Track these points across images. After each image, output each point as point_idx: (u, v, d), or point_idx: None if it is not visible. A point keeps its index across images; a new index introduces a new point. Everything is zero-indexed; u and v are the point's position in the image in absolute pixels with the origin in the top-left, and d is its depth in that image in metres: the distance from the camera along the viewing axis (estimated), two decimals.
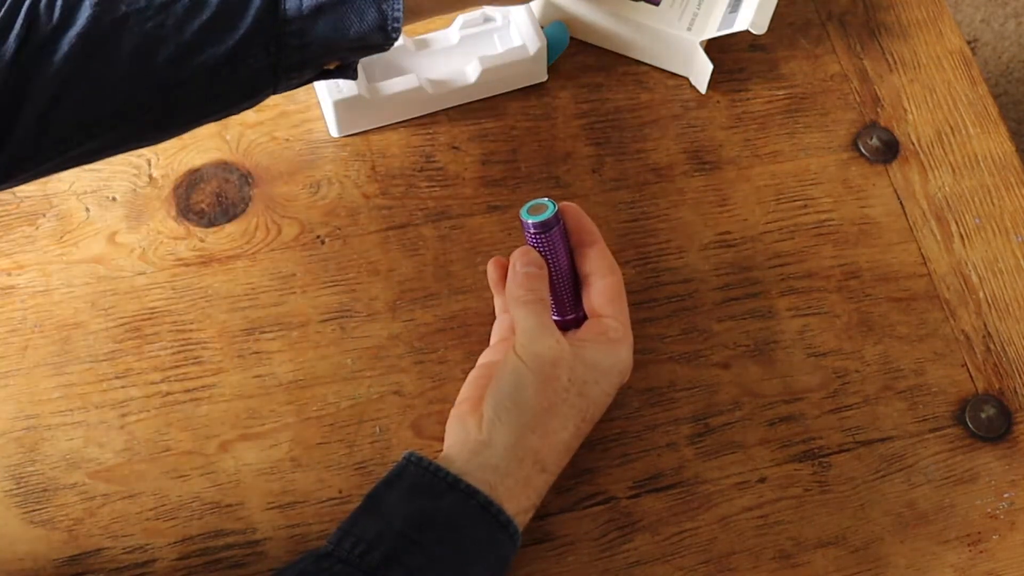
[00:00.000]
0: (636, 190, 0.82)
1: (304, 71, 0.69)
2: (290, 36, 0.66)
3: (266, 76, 0.67)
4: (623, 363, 0.70)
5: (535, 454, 0.65)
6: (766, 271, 0.80)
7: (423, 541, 0.62)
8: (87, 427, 0.72)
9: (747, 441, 0.74)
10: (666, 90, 0.87)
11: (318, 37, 0.66)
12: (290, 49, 0.66)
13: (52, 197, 0.79)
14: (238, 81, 0.66)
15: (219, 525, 0.70)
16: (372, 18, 0.67)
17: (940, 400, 0.76)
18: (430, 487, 0.63)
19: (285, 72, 0.67)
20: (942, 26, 0.91)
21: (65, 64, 0.61)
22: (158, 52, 0.63)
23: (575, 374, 0.67)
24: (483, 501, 0.63)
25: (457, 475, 0.63)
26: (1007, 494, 0.74)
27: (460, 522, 0.63)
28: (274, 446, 0.72)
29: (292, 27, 0.65)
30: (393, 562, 0.60)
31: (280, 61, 0.66)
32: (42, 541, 0.68)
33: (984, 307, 0.80)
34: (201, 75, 0.64)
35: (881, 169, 0.85)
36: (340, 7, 0.66)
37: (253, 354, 0.74)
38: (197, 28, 0.63)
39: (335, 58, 0.69)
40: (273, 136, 0.82)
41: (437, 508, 0.63)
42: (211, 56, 0.64)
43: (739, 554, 0.71)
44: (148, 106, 0.65)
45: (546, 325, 0.68)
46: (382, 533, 0.61)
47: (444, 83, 0.83)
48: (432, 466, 0.64)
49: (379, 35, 0.68)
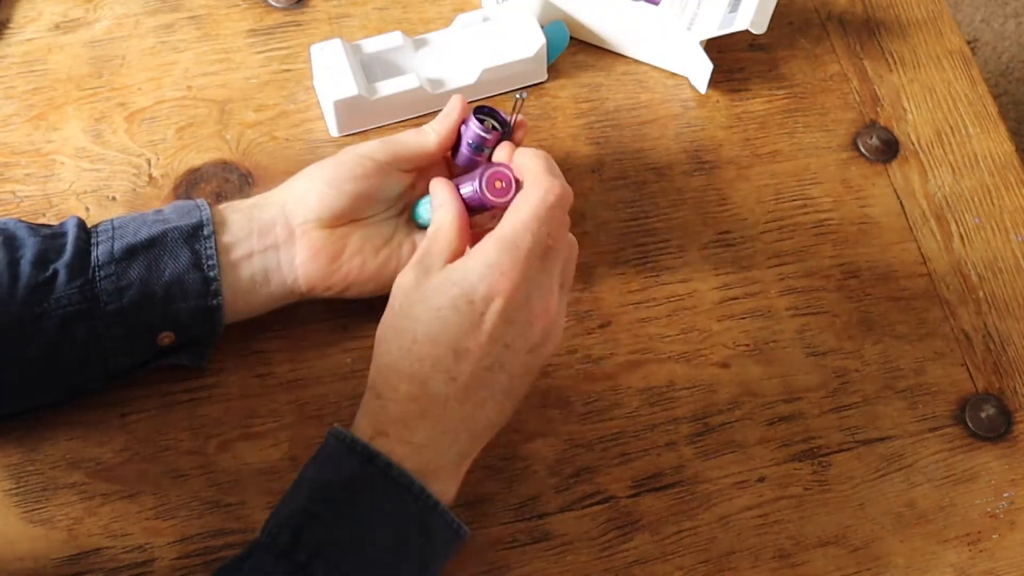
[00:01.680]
0: (636, 190, 0.82)
1: (132, 340, 0.68)
2: (104, 280, 0.66)
3: (89, 341, 0.67)
4: (458, 274, 0.63)
5: (369, 381, 0.64)
6: (766, 271, 0.80)
7: (323, 514, 0.60)
8: (87, 427, 0.72)
9: (747, 440, 0.74)
10: (666, 90, 0.87)
11: (134, 280, 0.67)
12: (106, 295, 0.66)
13: (52, 197, 0.79)
14: (60, 346, 0.67)
15: (219, 525, 0.70)
16: (186, 257, 0.68)
17: (940, 399, 0.76)
18: (335, 454, 0.63)
19: (112, 342, 0.67)
20: (942, 26, 0.91)
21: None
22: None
23: (406, 299, 0.64)
24: (347, 441, 0.62)
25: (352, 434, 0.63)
26: (1007, 493, 0.74)
27: (356, 486, 0.61)
28: (274, 446, 0.72)
29: (105, 271, 0.67)
30: (298, 540, 0.60)
31: (98, 312, 0.66)
32: (42, 541, 0.68)
33: (984, 306, 0.80)
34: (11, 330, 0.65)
35: (881, 169, 0.85)
36: (151, 249, 0.68)
37: (253, 354, 0.74)
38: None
39: (162, 319, 0.69)
40: (273, 136, 0.82)
41: (339, 475, 0.62)
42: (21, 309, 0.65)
43: (739, 553, 0.71)
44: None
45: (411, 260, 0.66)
46: (292, 512, 0.61)
47: (444, 83, 0.83)
48: (342, 433, 0.63)
49: (195, 274, 0.68)
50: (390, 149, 0.72)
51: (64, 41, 0.85)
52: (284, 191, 0.72)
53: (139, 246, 0.68)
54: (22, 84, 0.83)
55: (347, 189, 0.70)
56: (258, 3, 0.88)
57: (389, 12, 0.88)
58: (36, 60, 0.84)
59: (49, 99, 0.83)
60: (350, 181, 0.70)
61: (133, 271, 0.67)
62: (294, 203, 0.70)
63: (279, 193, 0.72)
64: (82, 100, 0.83)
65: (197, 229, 0.69)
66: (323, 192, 0.70)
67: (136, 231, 0.68)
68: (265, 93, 0.84)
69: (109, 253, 0.67)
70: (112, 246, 0.67)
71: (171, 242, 0.68)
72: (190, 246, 0.68)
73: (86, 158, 0.80)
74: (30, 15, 0.86)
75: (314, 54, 0.81)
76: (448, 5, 0.89)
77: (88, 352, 0.68)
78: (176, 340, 0.70)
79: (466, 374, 0.63)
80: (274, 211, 0.70)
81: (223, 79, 0.84)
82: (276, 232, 0.70)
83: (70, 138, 0.81)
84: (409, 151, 0.72)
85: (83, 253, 0.67)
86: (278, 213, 0.70)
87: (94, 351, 0.68)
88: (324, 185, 0.70)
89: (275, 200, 0.71)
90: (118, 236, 0.68)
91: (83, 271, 0.67)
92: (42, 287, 0.66)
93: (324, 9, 0.88)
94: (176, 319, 0.68)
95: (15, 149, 0.80)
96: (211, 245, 0.68)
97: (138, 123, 0.82)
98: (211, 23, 0.86)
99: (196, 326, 0.69)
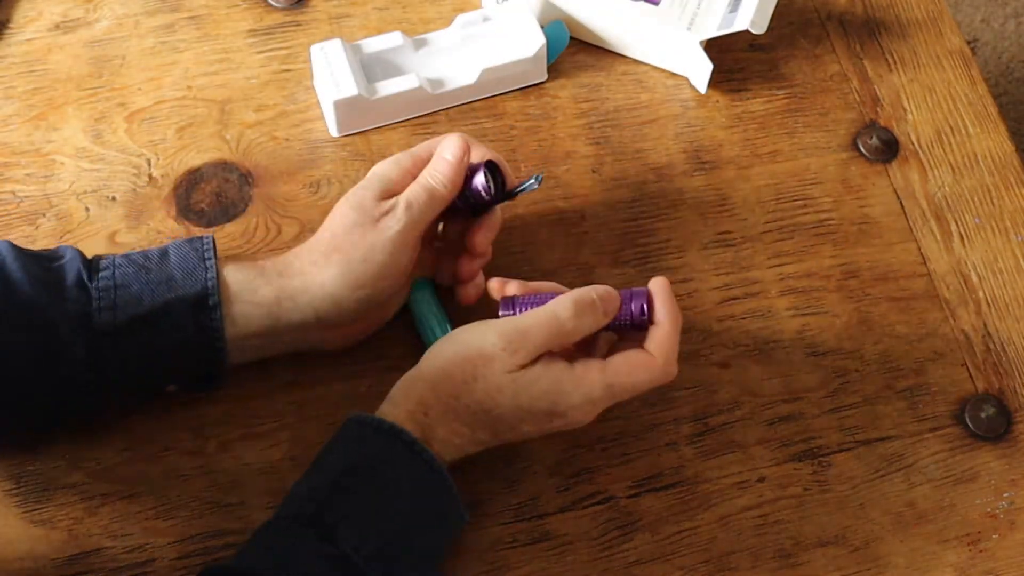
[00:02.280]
0: (636, 190, 0.82)
1: (137, 395, 0.69)
2: (107, 349, 0.65)
3: (91, 394, 0.67)
4: (561, 397, 0.65)
5: (420, 398, 0.65)
6: (766, 271, 0.80)
7: (350, 486, 0.62)
8: (87, 427, 0.71)
9: (747, 441, 0.74)
10: (666, 90, 0.87)
11: (138, 353, 0.66)
12: (111, 366, 0.66)
13: (52, 197, 0.79)
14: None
15: (219, 525, 0.69)
16: (191, 329, 0.66)
17: (940, 400, 0.76)
18: (360, 436, 0.65)
19: (117, 394, 0.68)
20: (942, 26, 0.91)
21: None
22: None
23: (494, 379, 0.64)
24: (374, 424, 0.64)
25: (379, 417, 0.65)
26: (1007, 493, 0.74)
27: (382, 460, 0.63)
28: (274, 446, 0.72)
29: (109, 341, 0.65)
30: (325, 508, 0.61)
31: (102, 381, 0.66)
32: (42, 541, 0.68)
33: (984, 307, 0.80)
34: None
35: (881, 169, 0.85)
36: (156, 321, 0.66)
37: None
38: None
39: (165, 377, 0.69)
40: (273, 136, 0.82)
41: (365, 452, 0.64)
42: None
43: (738, 553, 0.71)
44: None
45: (521, 339, 0.65)
46: (317, 486, 0.63)
47: (444, 83, 0.83)
48: (366, 417, 0.65)
49: (201, 341, 0.67)
50: (420, 225, 0.70)
51: (64, 41, 0.85)
52: (316, 293, 0.68)
53: (142, 318, 0.66)
54: (22, 84, 0.83)
55: (381, 287, 0.70)
56: (258, 3, 0.88)
57: (389, 12, 0.88)
58: (36, 60, 0.84)
59: (49, 99, 0.83)
60: (384, 282, 0.69)
61: (136, 343, 0.66)
62: (329, 313, 0.69)
63: (308, 293, 0.68)
64: (82, 100, 0.83)
65: (202, 300, 0.67)
66: (361, 310, 0.70)
67: (139, 297, 0.66)
68: (265, 93, 0.84)
69: (112, 324, 0.65)
70: (115, 316, 0.65)
71: (175, 315, 0.66)
72: (195, 318, 0.66)
73: (86, 158, 0.80)
74: (30, 15, 0.86)
75: (314, 54, 0.81)
76: (448, 5, 0.89)
77: (90, 402, 0.68)
78: (179, 389, 0.71)
79: (507, 438, 0.68)
80: (304, 315, 0.68)
81: (223, 79, 0.84)
82: (305, 330, 0.70)
83: (70, 138, 0.81)
84: (433, 216, 0.71)
85: (83, 316, 0.65)
86: (309, 318, 0.69)
87: (96, 401, 0.68)
88: (366, 303, 0.69)
89: (304, 303, 0.68)
90: (120, 303, 0.66)
91: (83, 344, 0.65)
92: (50, 358, 0.65)
93: (324, 9, 0.88)
94: (179, 375, 0.70)
95: (15, 149, 0.80)
96: (217, 316, 0.67)
97: (138, 123, 0.82)
98: (211, 23, 0.86)
99: (201, 379, 0.70)
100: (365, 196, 0.70)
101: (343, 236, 0.69)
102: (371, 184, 0.71)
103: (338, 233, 0.69)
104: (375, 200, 0.69)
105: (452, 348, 0.66)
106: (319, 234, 0.70)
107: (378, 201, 0.69)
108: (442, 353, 0.67)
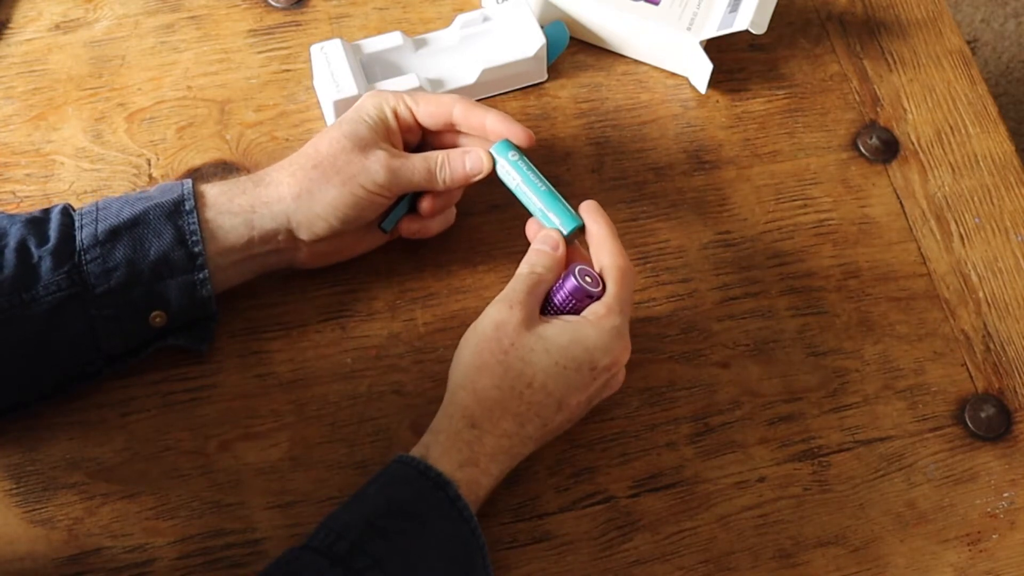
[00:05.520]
0: (636, 190, 0.82)
1: (124, 321, 0.69)
2: (91, 263, 0.67)
3: (82, 326, 0.67)
4: (590, 340, 0.67)
5: (464, 410, 0.66)
6: (766, 271, 0.80)
7: (387, 528, 0.62)
8: (87, 427, 0.72)
9: (747, 440, 0.74)
10: (665, 90, 0.87)
11: (120, 261, 0.67)
12: (94, 277, 0.67)
13: (52, 197, 0.79)
14: (53, 334, 0.67)
15: (219, 525, 0.70)
16: (169, 234, 0.68)
17: (940, 400, 0.76)
18: (403, 476, 0.65)
19: (103, 323, 0.68)
20: (942, 26, 0.91)
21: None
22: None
23: (520, 339, 0.67)
24: (420, 467, 0.64)
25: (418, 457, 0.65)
26: (1007, 493, 0.74)
27: (418, 506, 0.64)
28: (274, 446, 0.72)
29: (91, 255, 0.67)
30: (357, 550, 0.61)
31: (88, 296, 0.67)
32: (42, 541, 0.68)
33: (984, 307, 0.80)
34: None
35: (881, 169, 0.85)
36: (135, 228, 0.68)
37: (253, 354, 0.74)
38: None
39: (151, 297, 0.69)
40: (273, 136, 0.82)
41: (407, 496, 0.64)
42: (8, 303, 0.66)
43: (738, 553, 0.71)
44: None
45: (507, 295, 0.68)
46: (349, 524, 0.63)
47: (444, 83, 0.83)
48: (413, 460, 0.65)
49: (180, 251, 0.68)
50: (403, 180, 0.71)
51: (64, 41, 0.85)
52: (289, 203, 0.70)
53: (122, 227, 0.68)
54: (22, 84, 0.83)
55: (353, 217, 0.71)
56: (258, 3, 0.88)
57: (389, 12, 0.88)
58: (36, 60, 0.84)
59: (49, 99, 0.83)
60: (357, 211, 0.71)
61: (118, 252, 0.67)
62: (300, 226, 0.70)
63: (282, 202, 0.70)
64: (82, 100, 0.83)
65: (178, 204, 0.69)
66: (333, 226, 0.71)
67: (119, 211, 0.68)
68: (265, 93, 0.84)
69: (93, 236, 0.67)
70: (96, 228, 0.68)
71: (153, 220, 0.68)
72: (173, 223, 0.68)
73: (86, 158, 0.80)
74: (30, 15, 0.86)
75: (314, 54, 0.81)
76: (448, 5, 0.89)
77: (79, 337, 0.68)
78: (169, 320, 0.70)
79: (555, 423, 0.68)
80: (277, 223, 0.70)
81: (223, 79, 0.84)
82: (278, 240, 0.71)
83: (70, 138, 0.81)
84: (416, 184, 0.72)
85: (67, 238, 0.67)
86: (282, 226, 0.70)
87: (85, 335, 0.68)
88: (335, 220, 0.70)
89: (278, 211, 0.70)
90: (101, 218, 0.68)
91: (69, 256, 0.67)
92: (28, 275, 0.66)
93: (324, 9, 0.88)
94: (164, 296, 0.69)
95: (15, 149, 0.80)
96: (193, 220, 0.68)
97: (138, 123, 0.82)
98: (211, 23, 0.86)
99: (186, 302, 0.70)
100: (361, 131, 0.71)
101: (327, 157, 0.70)
102: (373, 123, 0.72)
103: (323, 152, 0.71)
104: (371, 134, 0.71)
105: (472, 343, 0.68)
106: (302, 150, 0.72)
107: (375, 140, 0.71)
108: (464, 356, 0.68)
